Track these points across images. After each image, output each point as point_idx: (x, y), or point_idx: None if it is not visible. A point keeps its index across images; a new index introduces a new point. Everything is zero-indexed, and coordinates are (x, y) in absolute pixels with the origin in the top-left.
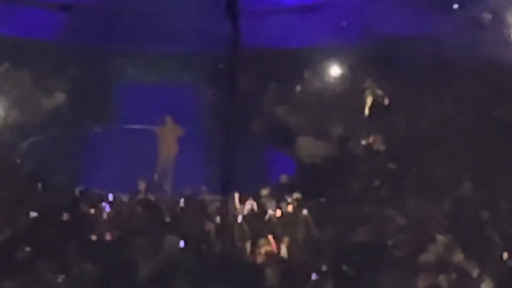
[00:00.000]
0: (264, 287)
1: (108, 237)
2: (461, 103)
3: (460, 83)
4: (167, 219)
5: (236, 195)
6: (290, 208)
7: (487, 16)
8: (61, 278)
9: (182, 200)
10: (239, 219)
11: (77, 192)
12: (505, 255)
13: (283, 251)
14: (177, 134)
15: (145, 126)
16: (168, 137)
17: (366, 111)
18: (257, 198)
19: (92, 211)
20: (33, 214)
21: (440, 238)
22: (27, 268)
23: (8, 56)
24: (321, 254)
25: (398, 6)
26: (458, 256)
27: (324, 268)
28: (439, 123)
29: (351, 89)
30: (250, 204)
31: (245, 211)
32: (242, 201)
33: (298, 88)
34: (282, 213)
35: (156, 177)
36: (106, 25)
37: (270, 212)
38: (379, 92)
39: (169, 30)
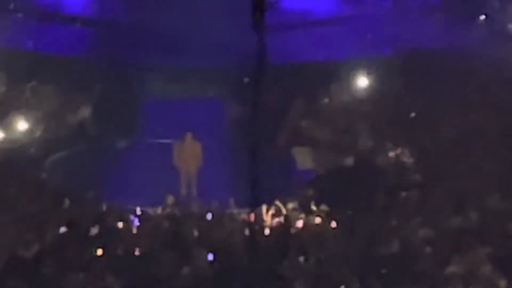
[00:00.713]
0: None
1: (135, 251)
2: (487, 115)
3: (487, 95)
4: (195, 233)
5: (263, 208)
6: (317, 220)
7: None
8: None
9: (210, 213)
10: (267, 231)
11: (104, 207)
12: None
13: (311, 264)
14: (197, 149)
15: (171, 141)
16: (188, 153)
17: None
18: (284, 210)
19: (120, 225)
20: (63, 229)
21: (467, 250)
22: (55, 283)
23: (34, 71)
24: (348, 267)
25: (424, 18)
26: (486, 268)
27: (351, 280)
28: (466, 135)
29: (377, 102)
30: (278, 217)
31: (273, 224)
32: (269, 214)
33: (325, 101)
34: (309, 225)
35: (182, 191)
36: (131, 40)
37: (297, 224)
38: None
39: (194, 45)
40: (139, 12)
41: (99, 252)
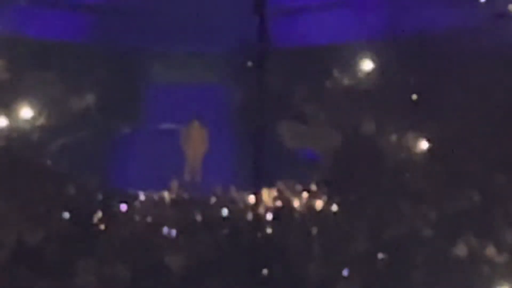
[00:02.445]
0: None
1: (140, 236)
2: (490, 96)
3: (489, 76)
4: (198, 217)
5: (266, 192)
6: (320, 203)
7: None
8: (93, 278)
9: (213, 198)
10: (270, 215)
11: (108, 192)
12: None
13: (315, 247)
14: (203, 135)
15: (174, 126)
16: (195, 138)
17: None
18: (287, 194)
19: (124, 210)
20: (66, 215)
21: (472, 232)
22: (60, 269)
23: (37, 58)
24: (352, 250)
25: (425, 1)
26: (490, 250)
27: (355, 263)
28: (469, 116)
29: (380, 86)
30: (281, 201)
31: (276, 208)
32: (272, 198)
33: (328, 84)
34: (312, 208)
35: (186, 176)
36: (134, 26)
37: (300, 208)
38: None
39: (196, 30)
40: None
41: (104, 238)
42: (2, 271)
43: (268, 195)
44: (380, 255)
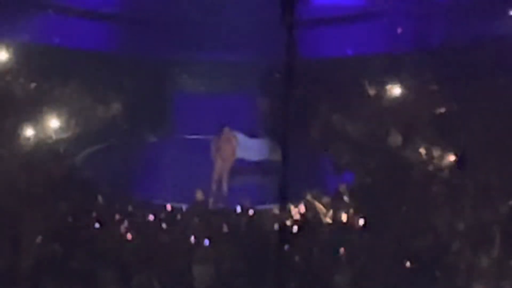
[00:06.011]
0: None
1: (166, 246)
2: None
3: None
4: (225, 229)
5: (292, 204)
6: (347, 215)
7: None
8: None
9: (239, 209)
10: (296, 227)
11: (134, 202)
12: None
13: (341, 260)
14: (233, 144)
15: (201, 136)
16: (225, 147)
17: None
18: (314, 206)
19: (150, 220)
20: (93, 225)
21: (499, 243)
22: (87, 279)
23: (64, 67)
24: (379, 262)
25: (454, 13)
26: None
27: (382, 276)
28: (497, 129)
29: (408, 97)
30: (307, 212)
31: (302, 220)
32: (299, 210)
33: (355, 96)
34: (339, 220)
35: (213, 186)
36: (161, 35)
37: (327, 220)
38: None
39: (224, 40)
40: (168, 7)
41: (130, 248)
42: (28, 281)
43: (294, 206)
44: (407, 267)
